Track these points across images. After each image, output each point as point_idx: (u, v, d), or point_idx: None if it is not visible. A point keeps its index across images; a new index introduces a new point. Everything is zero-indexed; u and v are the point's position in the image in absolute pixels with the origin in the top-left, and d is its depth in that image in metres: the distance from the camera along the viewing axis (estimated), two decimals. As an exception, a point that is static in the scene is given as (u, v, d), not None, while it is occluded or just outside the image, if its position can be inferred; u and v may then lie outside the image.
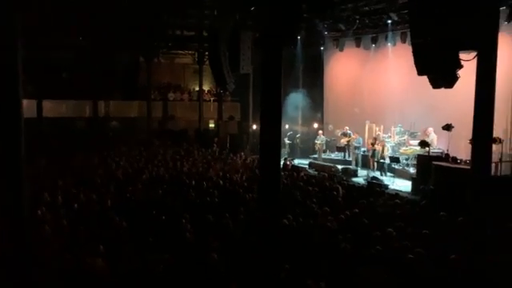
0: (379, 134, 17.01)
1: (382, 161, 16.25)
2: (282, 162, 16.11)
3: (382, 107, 17.96)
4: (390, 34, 17.45)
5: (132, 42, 22.27)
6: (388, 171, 15.91)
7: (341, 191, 11.84)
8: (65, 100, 22.95)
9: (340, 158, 18.88)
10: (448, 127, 13.58)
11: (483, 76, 6.58)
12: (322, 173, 15.72)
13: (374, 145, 16.63)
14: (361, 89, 19.23)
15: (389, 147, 16.53)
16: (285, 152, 18.93)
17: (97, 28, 20.17)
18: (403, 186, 14.51)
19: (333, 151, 19.61)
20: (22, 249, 4.75)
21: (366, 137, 17.84)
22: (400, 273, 6.03)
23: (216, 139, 22.65)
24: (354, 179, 15.87)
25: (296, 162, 18.66)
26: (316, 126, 20.17)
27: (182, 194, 10.99)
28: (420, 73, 11.35)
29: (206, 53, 22.45)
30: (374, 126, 17.61)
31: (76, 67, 22.86)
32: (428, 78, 11.05)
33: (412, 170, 15.29)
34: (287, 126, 19.62)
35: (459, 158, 12.90)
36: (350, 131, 18.55)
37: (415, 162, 15.01)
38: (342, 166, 17.08)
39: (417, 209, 10.14)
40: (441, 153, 14.08)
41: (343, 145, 18.71)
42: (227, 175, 13.87)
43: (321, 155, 18.99)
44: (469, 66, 9.03)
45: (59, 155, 16.15)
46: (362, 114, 18.50)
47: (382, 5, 15.33)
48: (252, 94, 22.87)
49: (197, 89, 25.43)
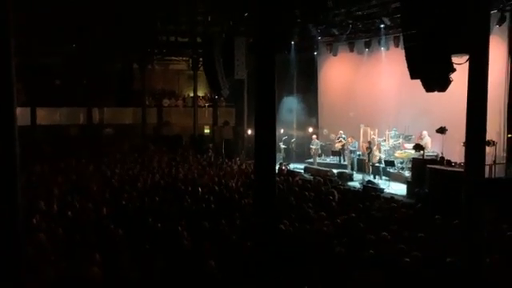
0: (374, 138, 17.07)
1: (377, 165, 16.29)
2: (278, 166, 16.11)
3: (377, 111, 18.03)
4: (383, 39, 17.54)
5: (126, 48, 22.26)
6: (383, 175, 15.95)
7: (336, 196, 11.85)
8: (59, 107, 22.89)
9: (335, 162, 18.92)
10: (442, 130, 13.66)
11: (475, 79, 6.62)
12: (318, 177, 15.72)
13: (368, 149, 16.69)
14: (355, 93, 19.30)
15: (382, 151, 16.59)
16: (280, 157, 18.94)
17: (90, 35, 20.14)
18: (398, 189, 14.53)
19: (328, 155, 19.65)
20: (17, 258, 4.71)
21: (361, 141, 17.90)
22: (396, 276, 6.04)
23: (211, 145, 22.63)
24: (350, 183, 15.88)
25: (291, 166, 18.67)
26: (311, 130, 20.19)
27: (178, 200, 10.97)
28: (413, 77, 11.46)
29: (200, 59, 22.52)
30: (369, 129, 17.67)
31: (69, 74, 22.81)
32: (421, 81, 11.14)
33: (407, 174, 15.35)
34: (282, 131, 19.66)
35: (453, 160, 12.97)
36: (344, 135, 18.60)
37: (410, 166, 15.08)
38: (338, 170, 17.11)
39: (412, 212, 10.15)
40: (435, 156, 14.14)
41: (338, 149, 18.75)
42: (223, 181, 13.85)
43: (316, 160, 19.02)
44: (461, 69, 9.10)
45: (54, 163, 16.08)
46: (357, 118, 18.56)
47: (374, 9, 15.41)
48: (247, 99, 22.88)
49: (191, 95, 25.44)
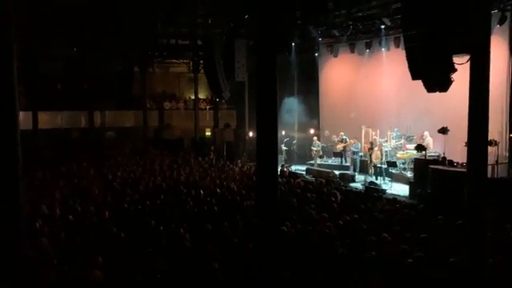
0: (375, 139, 17.05)
1: (379, 165, 16.27)
2: (279, 168, 16.11)
3: (378, 112, 18.01)
4: (384, 39, 17.52)
5: (126, 51, 22.30)
6: (385, 176, 15.93)
7: (339, 197, 11.83)
8: (60, 111, 22.94)
9: (337, 163, 18.90)
10: (444, 130, 13.63)
11: (477, 79, 6.60)
12: (320, 179, 15.71)
13: (370, 149, 16.66)
14: (356, 94, 19.29)
15: (384, 152, 16.56)
16: (282, 159, 18.93)
17: (91, 38, 20.19)
18: (401, 190, 14.51)
19: (330, 157, 19.63)
20: (18, 261, 4.71)
21: (363, 142, 17.88)
22: (398, 277, 6.03)
23: (212, 147, 22.64)
24: (352, 184, 15.87)
25: (293, 168, 18.65)
26: (312, 131, 20.18)
27: (180, 203, 10.97)
28: (414, 77, 11.44)
29: (201, 61, 22.54)
30: (371, 130, 17.64)
31: (71, 78, 22.88)
32: (422, 82, 11.12)
33: (409, 174, 15.32)
34: (284, 133, 19.65)
35: (455, 160, 12.94)
36: (345, 136, 18.59)
37: (412, 166, 15.05)
38: (340, 172, 17.09)
39: (414, 213, 10.13)
40: (437, 156, 14.11)
41: (340, 150, 18.73)
42: (224, 183, 13.85)
43: (316, 161, 19.01)
44: (462, 69, 9.09)
45: (55, 166, 16.10)
46: (358, 119, 18.53)
47: (375, 10, 15.39)
48: (248, 101, 22.89)
49: (192, 97, 25.45)
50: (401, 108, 17.08)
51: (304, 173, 18.29)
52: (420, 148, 14.17)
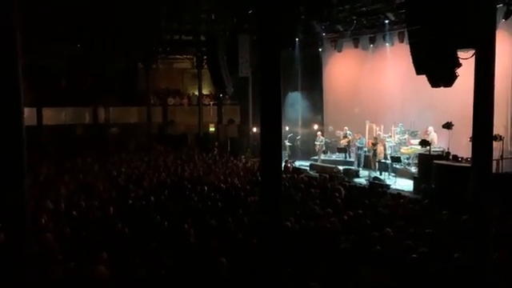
0: (380, 134, 17.02)
1: (383, 161, 16.24)
2: (283, 164, 16.11)
3: (382, 107, 17.96)
4: (388, 34, 17.45)
5: (130, 48, 22.32)
6: (390, 171, 15.90)
7: (343, 192, 11.83)
8: (64, 107, 23.03)
9: (341, 158, 18.88)
10: (448, 125, 13.59)
11: (482, 73, 6.55)
12: (324, 174, 15.71)
13: (374, 145, 16.63)
14: (360, 89, 19.24)
15: (388, 147, 16.53)
16: (285, 154, 18.92)
17: (95, 35, 20.22)
18: (405, 185, 14.48)
19: (334, 152, 19.61)
20: (24, 258, 4.74)
21: (367, 137, 17.85)
22: (403, 272, 6.03)
23: (216, 143, 22.66)
24: (356, 180, 15.86)
25: (297, 163, 18.65)
26: (316, 127, 20.16)
27: (184, 198, 11.00)
28: (418, 72, 11.40)
29: (205, 57, 22.53)
30: (374, 126, 17.60)
31: (75, 74, 22.95)
32: (427, 77, 11.08)
33: (413, 170, 15.29)
34: (287, 128, 19.64)
35: (460, 156, 12.90)
36: (349, 131, 18.56)
37: (416, 162, 15.02)
38: (344, 167, 17.08)
39: (418, 208, 10.12)
40: (442, 151, 14.07)
41: (344, 145, 18.70)
42: (228, 179, 13.87)
43: (320, 156, 18.99)
44: (467, 64, 9.05)
45: (60, 162, 16.17)
46: (362, 115, 18.48)
47: (378, 5, 15.34)
48: (251, 96, 22.88)
49: (196, 93, 25.46)
50: (405, 103, 17.02)
51: (308, 168, 18.27)
52: (424, 143, 14.14)
